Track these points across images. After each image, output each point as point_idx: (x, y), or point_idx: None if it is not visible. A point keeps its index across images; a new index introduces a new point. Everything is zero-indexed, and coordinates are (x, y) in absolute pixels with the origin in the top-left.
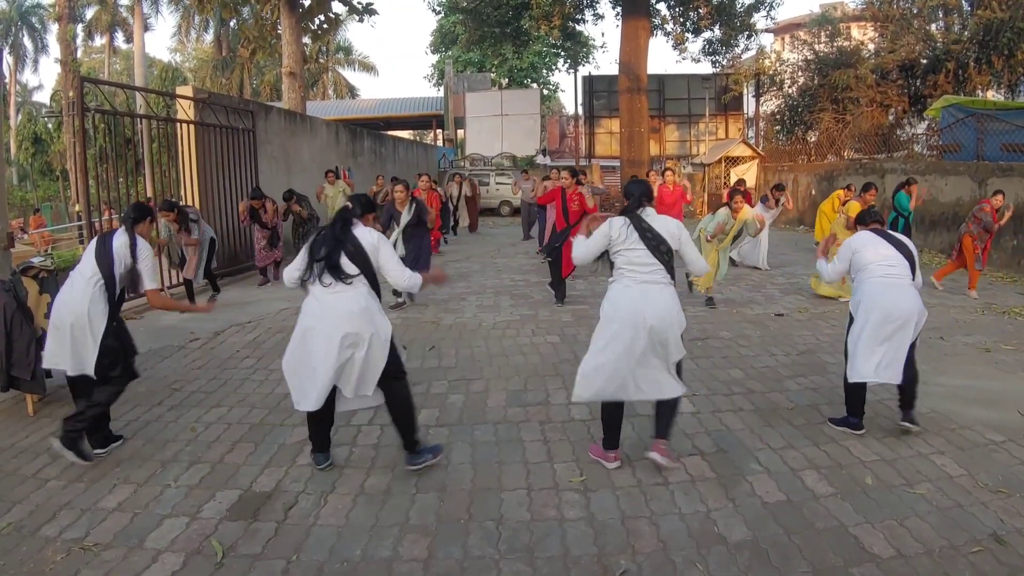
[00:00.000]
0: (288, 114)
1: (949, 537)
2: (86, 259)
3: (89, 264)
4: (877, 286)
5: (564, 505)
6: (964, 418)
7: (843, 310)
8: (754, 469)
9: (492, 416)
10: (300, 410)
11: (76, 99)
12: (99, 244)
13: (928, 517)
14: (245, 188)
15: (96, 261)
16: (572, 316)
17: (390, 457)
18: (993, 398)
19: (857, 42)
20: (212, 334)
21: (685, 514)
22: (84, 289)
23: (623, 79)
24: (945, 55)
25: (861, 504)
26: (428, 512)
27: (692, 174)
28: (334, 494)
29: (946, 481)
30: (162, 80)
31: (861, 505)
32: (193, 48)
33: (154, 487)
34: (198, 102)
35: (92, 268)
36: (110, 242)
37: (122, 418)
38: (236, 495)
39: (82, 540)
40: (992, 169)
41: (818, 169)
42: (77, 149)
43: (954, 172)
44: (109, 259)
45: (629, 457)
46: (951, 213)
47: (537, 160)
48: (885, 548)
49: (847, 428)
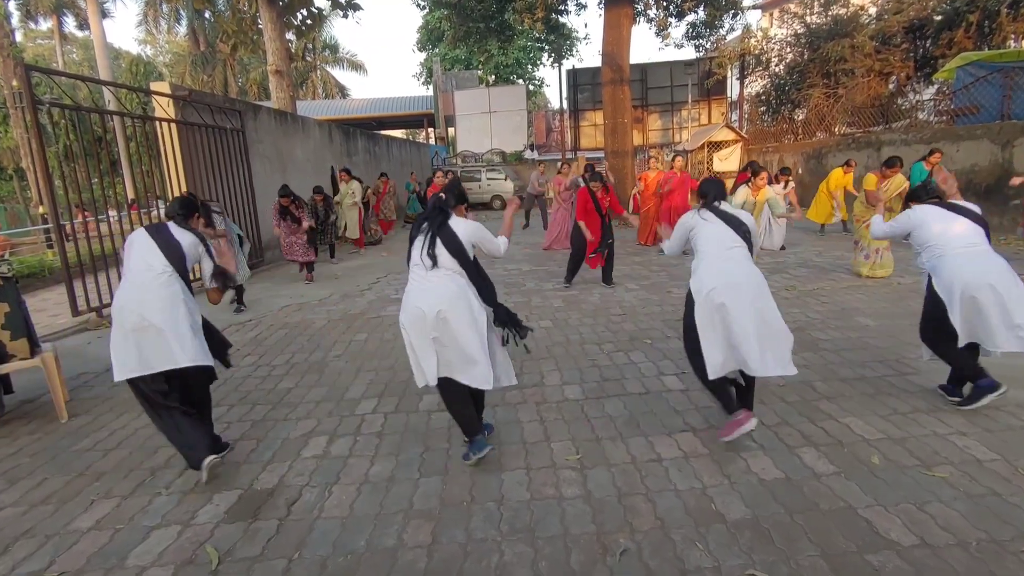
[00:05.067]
0: (279, 114)
1: (988, 530)
2: (143, 255)
3: (155, 259)
4: (961, 259)
5: (562, 483)
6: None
7: (833, 288)
8: (748, 446)
9: (490, 399)
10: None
11: (24, 90)
12: (158, 238)
13: (955, 504)
14: (238, 188)
15: (165, 255)
16: (563, 302)
17: (394, 444)
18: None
19: (856, 8)
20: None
21: (681, 491)
22: (162, 285)
23: (606, 70)
24: (968, 6)
25: (869, 485)
26: (431, 496)
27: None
28: (339, 485)
29: (974, 465)
30: (132, 74)
31: (869, 486)
32: (166, 41)
33: (141, 498)
34: (178, 100)
35: (162, 263)
36: (171, 236)
37: (108, 426)
38: (235, 496)
39: (42, 572)
40: (1022, 129)
41: (805, 148)
42: (33, 146)
43: (969, 137)
44: (179, 253)
45: (621, 434)
46: (964, 182)
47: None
48: (904, 535)
49: (988, 395)
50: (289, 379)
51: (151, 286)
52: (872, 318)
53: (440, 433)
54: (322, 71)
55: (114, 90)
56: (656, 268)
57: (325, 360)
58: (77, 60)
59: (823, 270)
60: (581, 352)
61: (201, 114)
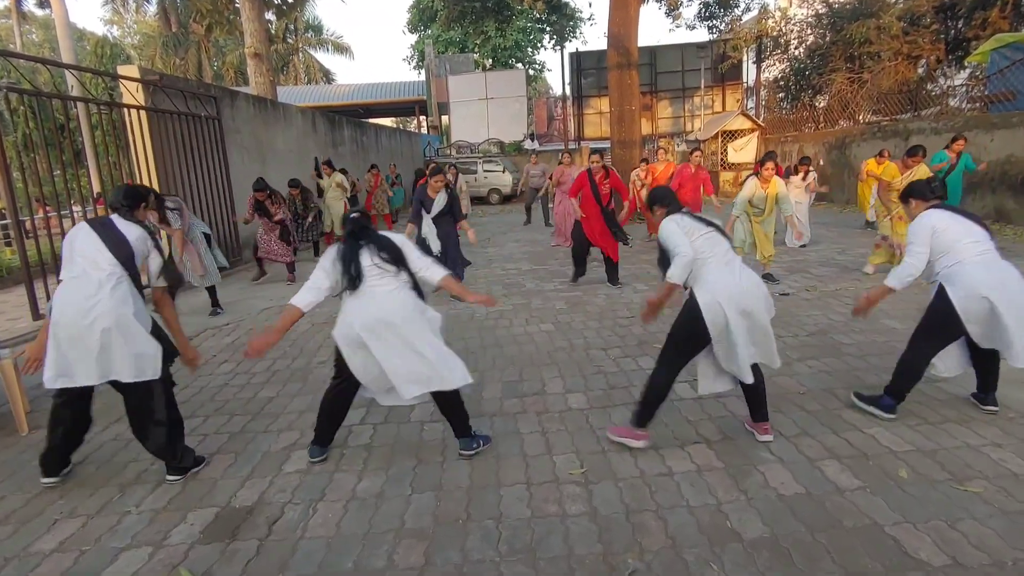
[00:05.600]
0: (258, 100)
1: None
2: (87, 253)
3: (101, 257)
4: (977, 267)
5: (565, 499)
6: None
7: (857, 288)
8: (765, 458)
9: (488, 409)
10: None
11: None
12: (103, 233)
13: (990, 522)
14: (214, 181)
15: (112, 253)
16: (566, 304)
17: (384, 457)
18: None
19: None
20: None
21: (694, 507)
22: (108, 288)
23: (612, 54)
24: None
25: (896, 500)
26: (424, 514)
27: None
28: (324, 502)
29: (1010, 480)
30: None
31: (896, 502)
32: (134, 21)
33: (109, 516)
34: (148, 84)
35: (110, 262)
36: (117, 232)
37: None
38: (212, 514)
39: None
40: None
41: (828, 137)
42: None
43: (1004, 125)
44: (127, 251)
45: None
46: (998, 173)
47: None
48: (935, 554)
49: (877, 410)
50: (270, 387)
51: (98, 288)
52: (899, 320)
53: (434, 446)
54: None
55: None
56: None
57: (309, 367)
58: (37, 41)
59: (846, 269)
60: (586, 358)
61: (173, 100)
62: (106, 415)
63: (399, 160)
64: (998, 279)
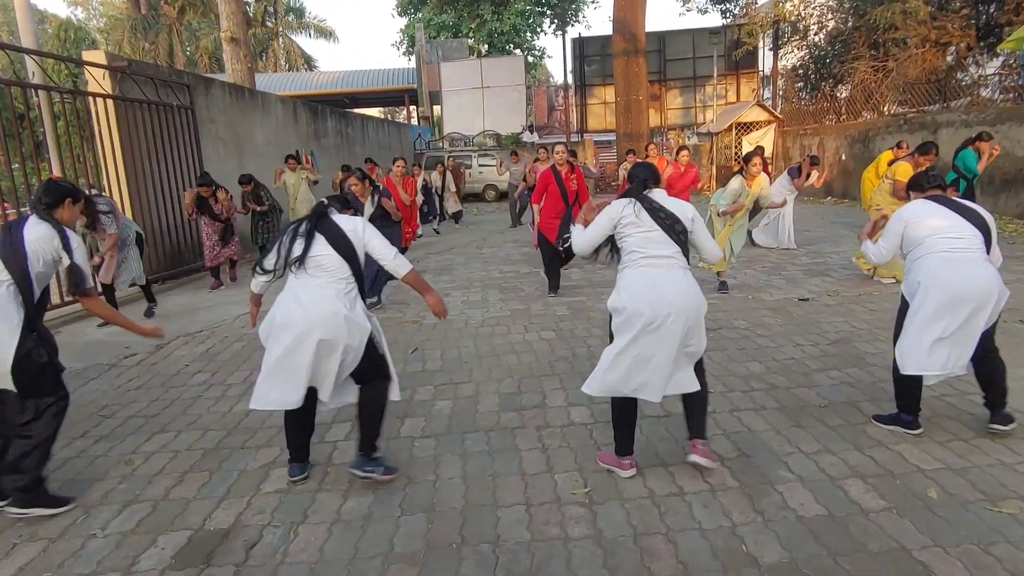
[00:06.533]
0: (235, 89)
1: None
2: None
3: None
4: (937, 262)
5: (568, 522)
6: None
7: (883, 292)
8: (784, 477)
9: (484, 423)
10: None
11: None
12: (4, 239)
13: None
14: (187, 176)
15: (2, 261)
16: (568, 309)
17: None
18: None
19: None
20: (153, 348)
21: (707, 530)
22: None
23: (618, 39)
24: None
25: (925, 523)
26: (415, 537)
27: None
28: (306, 524)
29: None
30: (61, 41)
31: (926, 524)
32: (100, 2)
33: (72, 540)
34: (115, 71)
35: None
36: (18, 234)
37: None
38: (184, 537)
39: None
40: None
41: (850, 129)
42: None
43: None
44: (19, 254)
45: (638, 464)
46: None
47: (523, 137)
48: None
49: (899, 427)
50: (247, 400)
51: None
52: None
53: (425, 463)
54: (285, 39)
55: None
56: None
57: None
58: None
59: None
60: (590, 368)
61: (142, 88)
62: (68, 430)
63: (387, 154)
64: (958, 276)
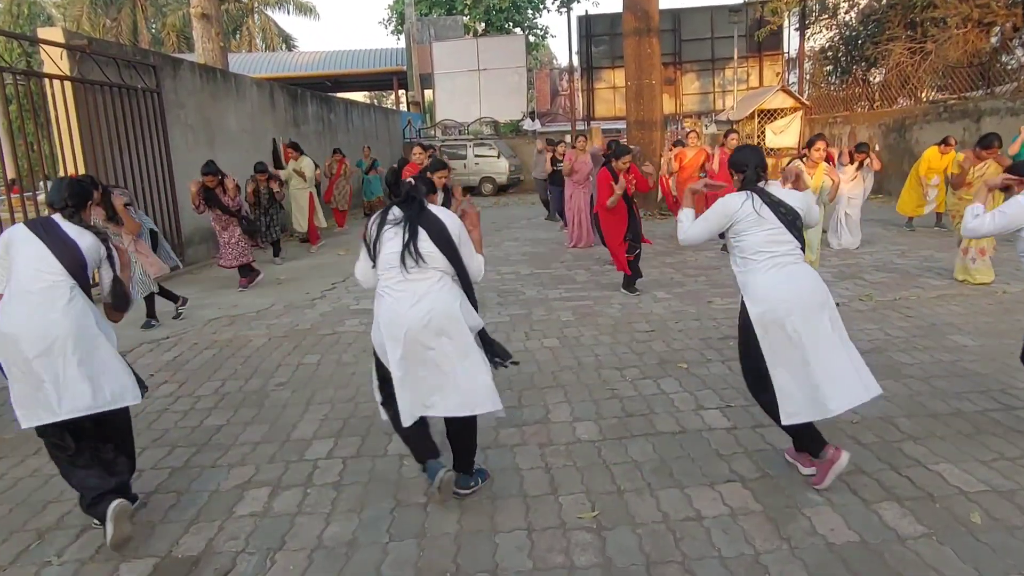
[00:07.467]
0: (206, 71)
1: None
2: (30, 261)
3: (46, 266)
4: None
5: (574, 549)
6: None
7: (921, 298)
8: (812, 500)
9: (481, 440)
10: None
11: None
12: (47, 238)
13: None
14: (152, 166)
15: (61, 262)
16: (573, 315)
17: (356, 498)
18: None
19: None
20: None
21: (727, 558)
22: (61, 300)
23: (628, 17)
24: None
25: (968, 550)
26: (405, 566)
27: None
28: (283, 551)
29: None
30: (13, 17)
31: (968, 552)
32: None
33: (26, 567)
34: (73, 51)
35: (57, 270)
36: (64, 235)
37: None
38: (150, 565)
39: None
40: None
41: (884, 117)
42: None
43: None
44: (79, 260)
45: (649, 485)
46: None
47: (524, 125)
48: None
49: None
50: (219, 414)
51: (51, 303)
52: (971, 336)
53: (415, 484)
54: (261, 15)
55: None
56: (692, 272)
57: (265, 389)
58: None
59: (907, 275)
60: (597, 379)
61: (104, 70)
62: (20, 447)
63: (374, 143)
64: None
